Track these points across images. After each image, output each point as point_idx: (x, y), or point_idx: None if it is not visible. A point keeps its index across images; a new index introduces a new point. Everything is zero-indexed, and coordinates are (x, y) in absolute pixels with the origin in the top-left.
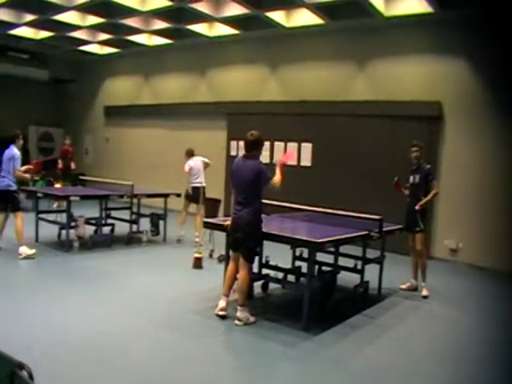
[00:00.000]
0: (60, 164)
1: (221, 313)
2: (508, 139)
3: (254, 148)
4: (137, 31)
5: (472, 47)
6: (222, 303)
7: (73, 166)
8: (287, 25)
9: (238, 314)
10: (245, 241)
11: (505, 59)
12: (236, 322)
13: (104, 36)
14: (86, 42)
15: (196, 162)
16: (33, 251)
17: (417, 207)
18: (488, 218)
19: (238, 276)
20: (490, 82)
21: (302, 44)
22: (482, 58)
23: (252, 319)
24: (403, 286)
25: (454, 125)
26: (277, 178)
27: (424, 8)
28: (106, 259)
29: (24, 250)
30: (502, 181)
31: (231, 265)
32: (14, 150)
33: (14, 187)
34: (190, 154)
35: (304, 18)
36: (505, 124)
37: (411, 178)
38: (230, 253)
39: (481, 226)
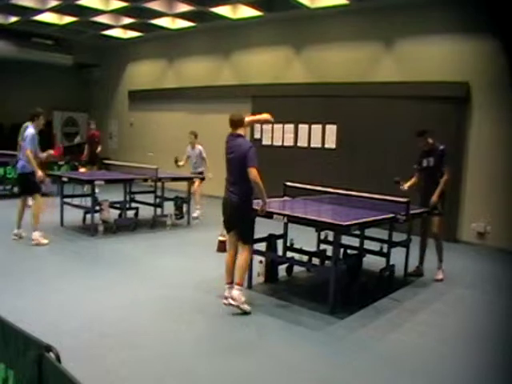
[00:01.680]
0: (86, 149)
1: (224, 301)
2: None
3: (238, 126)
4: (160, 14)
5: (500, 25)
6: (226, 292)
7: (99, 149)
8: (311, 5)
9: (233, 292)
10: (238, 223)
11: None
12: (230, 300)
13: (127, 20)
14: (109, 27)
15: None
16: (46, 241)
17: (433, 200)
18: None
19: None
20: None
21: (327, 25)
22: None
23: (246, 307)
24: (410, 271)
25: (482, 106)
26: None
27: None
28: (131, 243)
29: (37, 237)
30: None
31: (229, 251)
32: (29, 130)
33: (29, 169)
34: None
35: None
36: None
37: (425, 161)
38: (227, 237)
39: (510, 209)
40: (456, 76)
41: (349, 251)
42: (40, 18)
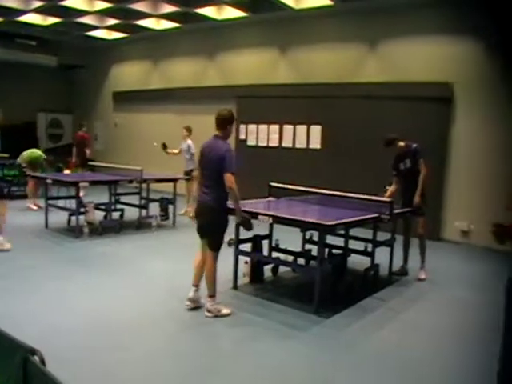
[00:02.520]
0: (75, 152)
1: (187, 303)
2: None
3: (224, 126)
4: (145, 15)
5: (484, 27)
6: (190, 293)
7: (88, 152)
8: (296, 6)
9: (207, 305)
10: (208, 228)
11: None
12: (205, 313)
13: (112, 21)
14: (94, 28)
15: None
16: (8, 246)
17: (416, 201)
18: (501, 199)
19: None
20: (503, 63)
21: (312, 26)
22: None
23: (225, 311)
24: (394, 270)
25: (465, 106)
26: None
27: None
28: (116, 244)
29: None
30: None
31: (198, 253)
32: None
33: None
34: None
35: None
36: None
37: (401, 164)
38: (200, 241)
39: (493, 207)
40: (440, 77)
41: (334, 251)
42: (24, 18)
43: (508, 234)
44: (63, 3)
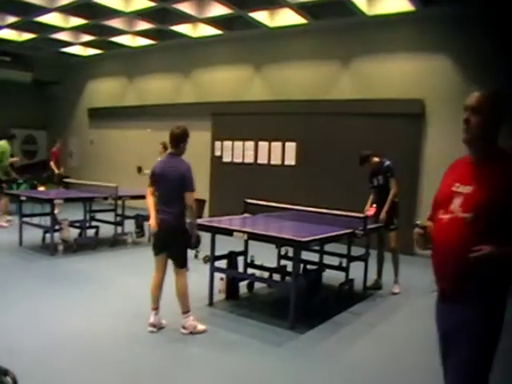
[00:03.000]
0: (54, 167)
1: (150, 328)
2: None
3: (178, 144)
4: (120, 32)
5: (454, 44)
6: (151, 318)
7: (55, 168)
8: (271, 25)
9: (183, 321)
10: (172, 245)
11: (487, 55)
12: (181, 329)
13: (87, 37)
14: (69, 44)
15: None
16: None
17: (381, 217)
18: None
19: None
20: (473, 80)
21: (286, 43)
22: (464, 55)
23: (201, 327)
24: (369, 284)
25: (437, 121)
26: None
27: (406, 6)
28: (91, 262)
29: None
30: None
31: (155, 274)
32: None
33: None
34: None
35: (287, 17)
36: None
37: (375, 180)
38: (155, 260)
39: None
40: (411, 93)
41: (309, 266)
42: None
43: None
44: (38, 19)
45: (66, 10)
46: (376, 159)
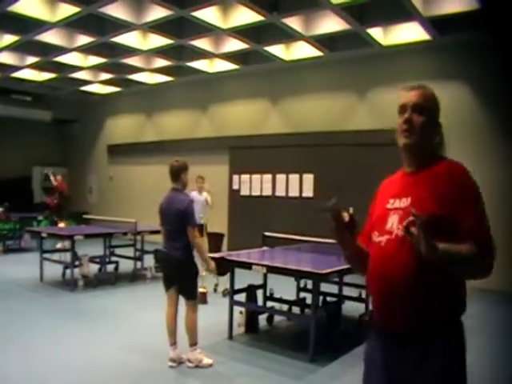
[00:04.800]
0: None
1: (170, 363)
2: (504, 159)
3: (177, 176)
4: (138, 70)
5: (470, 72)
6: (171, 353)
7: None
8: (286, 58)
9: (189, 354)
10: (181, 279)
11: (504, 81)
12: (187, 363)
13: (105, 76)
14: (87, 82)
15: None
16: None
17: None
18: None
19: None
20: (490, 106)
21: (302, 76)
22: (480, 82)
23: (206, 361)
24: None
25: (455, 149)
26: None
27: (421, 35)
28: (111, 297)
29: None
30: (499, 203)
31: (168, 309)
32: None
33: None
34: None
35: (303, 50)
36: (503, 147)
37: None
38: (167, 295)
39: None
40: None
41: (328, 298)
42: (19, 74)
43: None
44: (57, 59)
45: (84, 49)
46: None
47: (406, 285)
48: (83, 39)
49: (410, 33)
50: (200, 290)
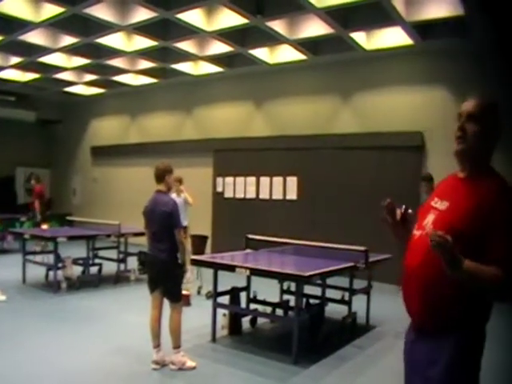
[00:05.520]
0: (37, 204)
1: (153, 366)
2: None
3: (162, 179)
4: (122, 71)
5: (452, 76)
6: (154, 356)
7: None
8: (271, 61)
9: (172, 357)
10: (165, 282)
11: (485, 86)
12: (170, 365)
13: (90, 77)
14: (72, 83)
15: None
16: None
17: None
18: None
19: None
20: None
21: (287, 79)
22: (462, 87)
23: (190, 364)
24: None
25: (436, 154)
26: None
27: (404, 40)
28: (94, 299)
29: None
30: None
31: (152, 311)
32: None
33: None
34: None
35: (287, 54)
36: None
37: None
38: (151, 298)
39: None
40: (411, 126)
41: (311, 300)
42: (2, 74)
43: None
44: (41, 59)
45: (69, 50)
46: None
47: (420, 278)
48: (67, 40)
49: (392, 37)
50: (184, 292)
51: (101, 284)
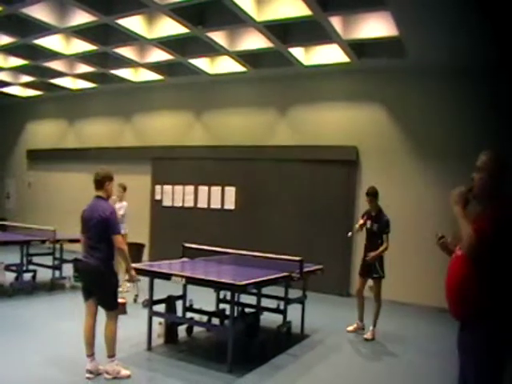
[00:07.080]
0: None
1: (87, 375)
2: (415, 179)
3: (102, 185)
4: (60, 74)
5: (387, 94)
6: (88, 365)
7: None
8: (211, 71)
9: (107, 366)
10: (100, 290)
11: (418, 104)
12: (104, 375)
13: (27, 78)
14: (7, 84)
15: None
16: None
17: (368, 259)
18: (405, 250)
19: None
20: (404, 128)
21: (226, 90)
22: (395, 105)
23: (124, 373)
24: (350, 328)
25: (369, 168)
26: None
27: (341, 57)
28: (28, 307)
29: None
30: (411, 221)
31: (86, 320)
32: None
33: None
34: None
35: (227, 65)
36: (414, 166)
37: (369, 222)
38: (85, 305)
39: (405, 260)
40: (346, 141)
41: (247, 309)
42: None
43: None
44: None
45: (5, 49)
46: (378, 204)
47: (452, 285)
48: (4, 39)
49: (330, 54)
50: (120, 300)
51: (35, 291)
